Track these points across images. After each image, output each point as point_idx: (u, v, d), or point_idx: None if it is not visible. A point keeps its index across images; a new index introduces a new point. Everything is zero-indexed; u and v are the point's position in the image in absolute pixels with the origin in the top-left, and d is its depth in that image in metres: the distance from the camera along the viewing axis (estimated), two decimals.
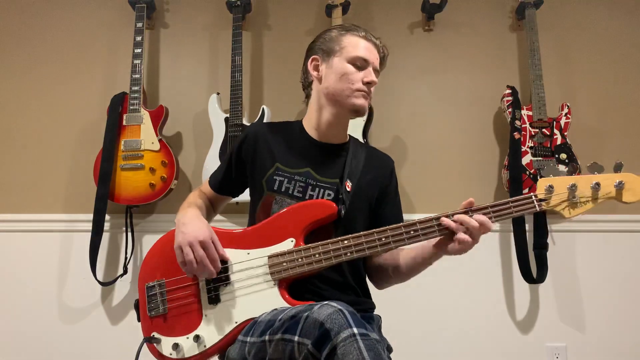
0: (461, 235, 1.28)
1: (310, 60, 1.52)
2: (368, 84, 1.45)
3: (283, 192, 1.45)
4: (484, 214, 1.31)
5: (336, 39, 1.49)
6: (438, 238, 1.34)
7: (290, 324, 1.14)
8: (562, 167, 2.40)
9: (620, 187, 1.31)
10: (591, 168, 1.33)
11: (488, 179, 2.61)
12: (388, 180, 1.57)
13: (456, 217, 1.30)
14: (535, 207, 1.32)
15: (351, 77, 1.45)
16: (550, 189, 1.33)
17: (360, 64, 1.46)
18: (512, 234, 2.46)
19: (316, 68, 1.51)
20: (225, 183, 1.60)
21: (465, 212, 1.31)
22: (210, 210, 1.64)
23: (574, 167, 1.37)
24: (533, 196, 1.33)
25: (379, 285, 1.58)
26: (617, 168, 1.32)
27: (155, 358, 1.38)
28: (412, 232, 1.33)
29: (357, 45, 1.47)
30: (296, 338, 1.10)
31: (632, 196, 1.31)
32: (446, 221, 1.31)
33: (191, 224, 1.37)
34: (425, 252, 1.39)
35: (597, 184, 1.31)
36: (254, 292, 1.34)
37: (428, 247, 1.38)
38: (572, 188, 1.32)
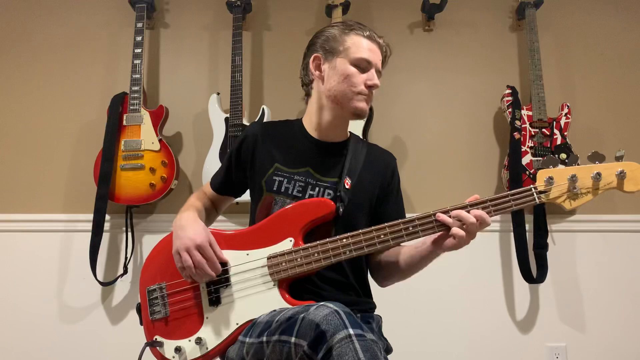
0: (456, 230, 1.27)
1: (312, 58, 1.49)
2: (370, 87, 1.44)
3: (283, 192, 1.44)
4: (483, 208, 1.29)
5: (340, 38, 1.46)
6: (437, 235, 1.33)
7: (287, 326, 1.14)
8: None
9: (621, 176, 1.28)
10: (592, 157, 1.30)
11: (488, 179, 2.61)
12: (389, 178, 1.55)
13: (453, 212, 1.29)
14: (535, 199, 1.30)
15: (354, 80, 1.43)
16: (550, 181, 1.30)
17: (363, 65, 1.43)
18: (512, 234, 2.46)
19: (318, 67, 1.49)
20: (226, 184, 1.60)
21: (464, 207, 1.30)
22: (212, 211, 1.64)
23: (574, 158, 1.35)
24: (533, 188, 1.31)
25: (381, 282, 1.57)
26: (619, 158, 1.30)
27: None
28: (410, 229, 1.32)
29: (360, 46, 1.44)
30: (293, 339, 1.10)
31: (634, 185, 1.28)
32: (442, 217, 1.30)
33: (188, 228, 1.37)
34: (423, 249, 1.38)
35: (598, 174, 1.28)
36: (254, 293, 1.34)
37: (426, 244, 1.37)
38: (573, 179, 1.29)
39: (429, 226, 1.31)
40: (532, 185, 1.31)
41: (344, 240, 1.33)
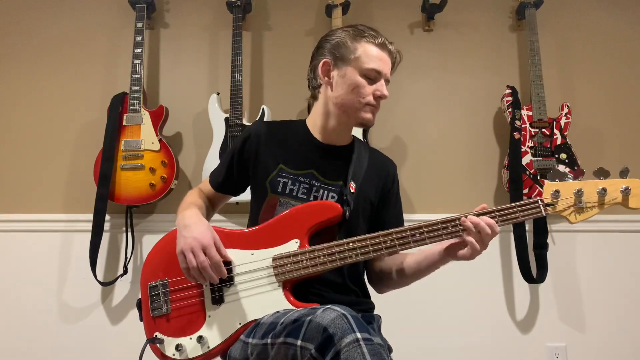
0: (471, 239, 1.28)
1: (321, 62, 1.47)
2: (379, 98, 1.43)
3: (287, 194, 1.44)
4: (490, 217, 1.30)
5: (351, 45, 1.43)
6: (448, 242, 1.33)
7: (293, 328, 1.13)
8: (562, 167, 2.40)
9: (626, 192, 1.31)
10: (597, 173, 1.32)
11: (488, 179, 2.61)
12: (390, 184, 1.56)
13: (471, 219, 1.29)
14: (541, 211, 1.32)
15: (362, 91, 1.42)
16: (556, 194, 1.33)
17: (372, 76, 1.42)
18: (512, 234, 2.46)
19: (327, 73, 1.47)
20: (226, 182, 1.58)
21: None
22: (209, 209, 1.62)
23: (580, 172, 1.37)
24: (539, 200, 1.33)
25: (380, 289, 1.58)
26: (624, 173, 1.32)
27: (158, 358, 1.37)
28: (417, 235, 1.32)
29: (371, 55, 1.42)
30: (299, 342, 1.10)
31: (638, 202, 1.31)
32: (466, 223, 1.29)
33: (193, 227, 1.35)
34: (432, 256, 1.39)
35: (604, 190, 1.31)
36: (258, 293, 1.34)
37: (436, 251, 1.38)
38: (579, 193, 1.32)
39: (437, 234, 1.32)
40: (538, 198, 1.34)
41: (351, 244, 1.33)
